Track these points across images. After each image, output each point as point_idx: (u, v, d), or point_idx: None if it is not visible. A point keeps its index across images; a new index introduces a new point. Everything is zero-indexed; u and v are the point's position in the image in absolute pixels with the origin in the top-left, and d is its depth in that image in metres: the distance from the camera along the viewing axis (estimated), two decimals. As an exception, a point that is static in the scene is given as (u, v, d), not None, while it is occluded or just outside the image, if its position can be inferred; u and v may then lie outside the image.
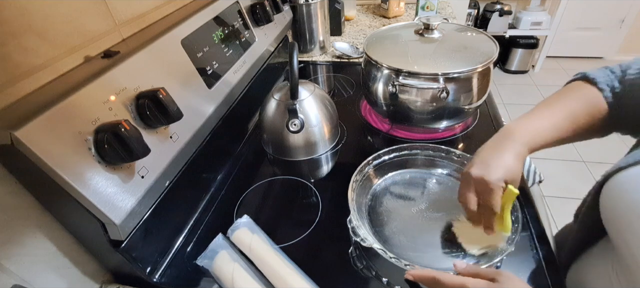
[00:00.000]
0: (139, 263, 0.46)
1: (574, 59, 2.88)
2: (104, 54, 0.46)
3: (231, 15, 0.70)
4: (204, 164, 0.59)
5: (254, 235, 0.49)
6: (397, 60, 0.63)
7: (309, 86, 0.68)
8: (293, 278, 0.45)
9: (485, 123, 0.73)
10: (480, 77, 0.62)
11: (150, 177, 0.44)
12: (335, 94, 0.90)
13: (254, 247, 0.48)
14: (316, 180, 0.64)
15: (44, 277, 0.42)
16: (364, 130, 0.76)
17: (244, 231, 0.50)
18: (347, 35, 1.24)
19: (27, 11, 0.38)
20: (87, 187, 0.36)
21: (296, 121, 0.63)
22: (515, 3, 2.62)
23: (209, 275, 0.47)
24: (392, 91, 0.64)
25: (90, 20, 0.47)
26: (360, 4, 1.51)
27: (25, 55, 0.39)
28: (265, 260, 0.47)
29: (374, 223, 0.52)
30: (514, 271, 0.40)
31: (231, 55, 0.67)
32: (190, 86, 0.54)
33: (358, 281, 0.47)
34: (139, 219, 0.44)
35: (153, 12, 0.59)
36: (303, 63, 1.07)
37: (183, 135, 0.50)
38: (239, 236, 0.50)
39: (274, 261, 0.46)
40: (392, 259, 0.42)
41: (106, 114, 0.39)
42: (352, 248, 0.50)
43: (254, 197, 0.61)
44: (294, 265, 0.47)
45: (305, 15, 1.03)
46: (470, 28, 0.73)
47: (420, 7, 1.22)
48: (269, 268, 0.46)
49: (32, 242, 0.40)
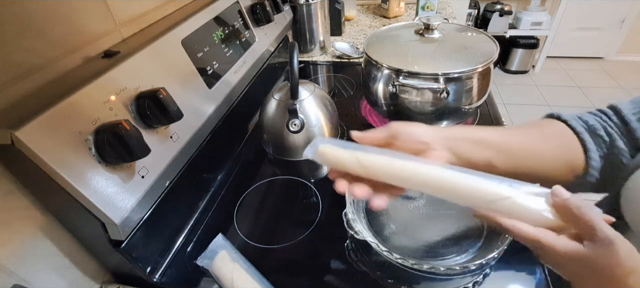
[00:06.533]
0: (139, 263, 0.46)
1: (574, 59, 2.88)
2: (104, 54, 0.46)
3: (231, 15, 0.70)
4: (204, 164, 0.59)
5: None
6: (397, 60, 0.63)
7: (309, 86, 0.68)
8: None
9: (486, 123, 0.73)
10: (480, 77, 0.62)
11: (150, 177, 0.44)
12: (335, 94, 0.90)
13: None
14: (316, 181, 0.64)
15: (44, 277, 0.42)
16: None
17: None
18: (347, 35, 1.24)
19: (27, 11, 0.38)
20: (87, 187, 0.36)
21: (296, 121, 0.63)
22: (515, 3, 2.62)
23: (209, 275, 0.47)
24: (392, 91, 0.64)
25: (90, 20, 0.47)
26: (360, 4, 1.50)
27: (26, 55, 0.39)
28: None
29: (371, 219, 0.52)
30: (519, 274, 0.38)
31: (231, 55, 0.67)
32: (191, 86, 0.54)
33: (354, 275, 0.47)
34: (139, 219, 0.44)
35: (153, 12, 0.59)
36: (303, 63, 1.07)
37: (183, 135, 0.50)
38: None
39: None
40: (385, 253, 0.42)
41: (106, 113, 0.39)
42: (348, 241, 0.50)
43: (254, 197, 0.61)
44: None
45: (305, 15, 1.03)
46: (471, 28, 0.73)
47: (421, 7, 1.22)
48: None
49: (32, 242, 0.40)
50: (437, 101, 0.62)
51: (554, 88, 2.57)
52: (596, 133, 0.39)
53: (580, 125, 0.39)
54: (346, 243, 0.50)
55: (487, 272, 0.45)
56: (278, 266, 0.50)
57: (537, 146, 0.39)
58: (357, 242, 0.49)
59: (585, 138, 0.38)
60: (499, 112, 0.76)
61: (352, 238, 0.49)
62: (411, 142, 0.36)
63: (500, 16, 2.43)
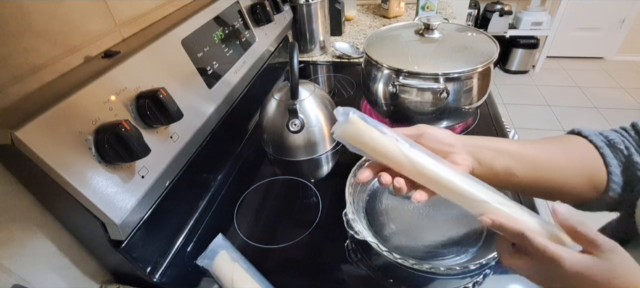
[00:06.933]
0: (139, 263, 0.46)
1: (575, 59, 2.88)
2: (105, 54, 0.46)
3: (231, 15, 0.70)
4: (204, 164, 0.59)
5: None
6: (397, 60, 0.63)
7: (309, 86, 0.68)
8: None
9: (486, 123, 0.73)
10: (480, 77, 0.62)
11: (150, 177, 0.44)
12: (335, 94, 0.90)
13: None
14: (316, 180, 0.64)
15: (44, 276, 0.42)
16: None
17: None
18: (347, 35, 1.24)
19: (27, 11, 0.38)
20: (87, 187, 0.36)
21: (296, 121, 0.63)
22: (515, 3, 2.62)
23: (209, 275, 0.47)
24: (393, 91, 0.64)
25: (90, 20, 0.47)
26: (360, 4, 1.50)
27: (26, 55, 0.39)
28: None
29: (371, 219, 0.52)
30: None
31: (231, 55, 0.67)
32: (191, 86, 0.54)
33: (354, 275, 0.47)
34: (139, 219, 0.44)
35: (153, 12, 0.59)
36: (303, 63, 1.07)
37: (183, 135, 0.50)
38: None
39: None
40: (385, 253, 0.42)
41: (106, 113, 0.39)
42: (348, 241, 0.50)
43: (254, 197, 0.61)
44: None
45: (305, 15, 1.03)
46: (471, 28, 0.73)
47: (421, 7, 1.22)
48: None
49: (32, 242, 0.40)
50: (437, 101, 0.62)
51: (554, 88, 2.57)
52: (616, 147, 0.39)
53: (601, 140, 0.39)
54: (346, 243, 0.50)
55: (487, 272, 0.45)
56: (278, 266, 0.50)
57: (559, 159, 0.39)
58: (357, 242, 0.49)
59: (606, 152, 0.38)
60: (499, 112, 0.76)
61: (352, 238, 0.49)
62: (436, 142, 0.37)
63: (500, 16, 2.43)
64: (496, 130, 0.71)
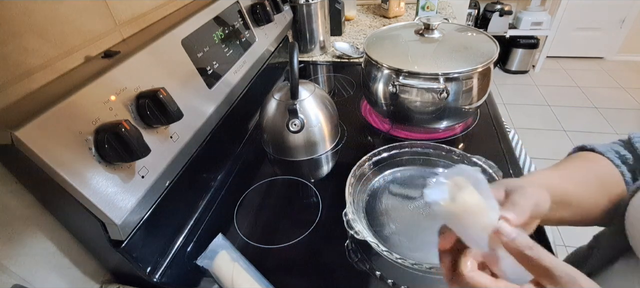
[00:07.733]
0: (140, 263, 0.46)
1: (575, 59, 2.88)
2: (105, 54, 0.46)
3: (231, 15, 0.70)
4: (204, 164, 0.59)
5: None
6: (397, 60, 0.63)
7: (309, 86, 0.68)
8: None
9: (486, 123, 0.73)
10: (480, 77, 0.62)
11: (150, 177, 0.44)
12: (335, 94, 0.90)
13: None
14: (316, 180, 0.64)
15: (44, 276, 0.42)
16: (364, 130, 0.76)
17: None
18: (347, 35, 1.24)
19: (27, 11, 0.38)
20: (87, 187, 0.36)
21: (296, 121, 0.63)
22: (515, 3, 2.62)
23: (209, 275, 0.47)
24: (393, 91, 0.64)
25: (90, 20, 0.47)
26: (360, 4, 1.50)
27: (26, 55, 0.39)
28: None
29: (371, 219, 0.52)
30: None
31: (231, 55, 0.67)
32: (191, 86, 0.54)
33: (354, 275, 0.47)
34: (139, 219, 0.44)
35: (153, 12, 0.59)
36: (303, 63, 1.07)
37: (183, 135, 0.50)
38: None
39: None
40: (385, 253, 0.42)
41: (106, 113, 0.39)
42: (348, 241, 0.50)
43: (254, 197, 0.61)
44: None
45: (305, 15, 1.03)
46: (471, 28, 0.73)
47: (421, 7, 1.22)
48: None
49: (32, 242, 0.40)
50: (437, 101, 0.62)
51: (554, 88, 2.57)
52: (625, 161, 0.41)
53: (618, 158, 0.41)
54: (346, 243, 0.50)
55: (487, 272, 0.45)
56: (278, 266, 0.50)
57: (597, 198, 0.40)
58: (357, 242, 0.49)
59: (623, 170, 0.40)
60: (499, 112, 0.76)
61: (352, 238, 0.49)
62: None
63: (500, 16, 2.43)
64: (496, 130, 0.71)
